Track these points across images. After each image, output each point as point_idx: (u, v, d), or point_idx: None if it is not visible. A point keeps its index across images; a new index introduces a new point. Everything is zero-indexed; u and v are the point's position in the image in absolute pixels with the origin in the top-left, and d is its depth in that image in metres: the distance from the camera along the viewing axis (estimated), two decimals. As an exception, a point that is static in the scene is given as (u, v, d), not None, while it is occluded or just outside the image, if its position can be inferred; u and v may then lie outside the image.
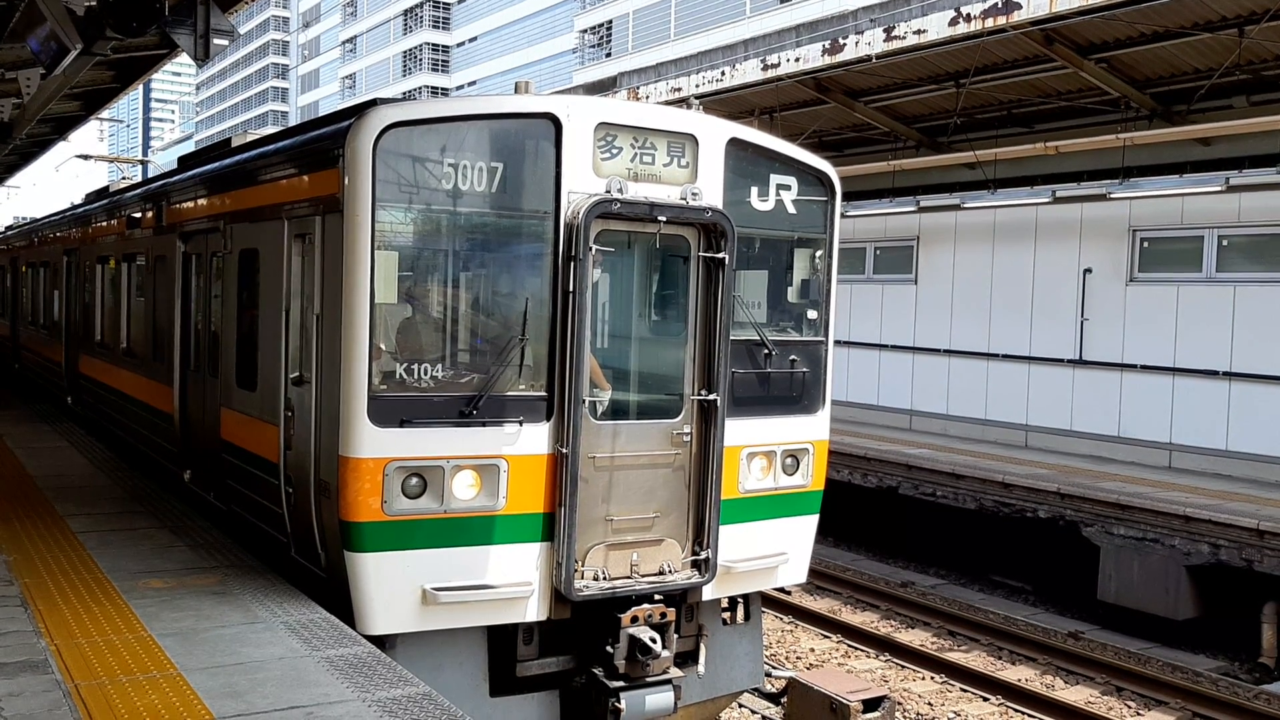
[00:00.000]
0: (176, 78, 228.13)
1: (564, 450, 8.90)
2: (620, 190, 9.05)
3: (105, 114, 29.80)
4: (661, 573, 9.46)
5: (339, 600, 8.91)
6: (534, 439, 8.95)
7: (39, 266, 24.25)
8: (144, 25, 11.25)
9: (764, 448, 10.14)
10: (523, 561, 9.00)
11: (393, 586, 8.60)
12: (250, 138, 14.18)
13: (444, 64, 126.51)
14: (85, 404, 18.97)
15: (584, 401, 8.97)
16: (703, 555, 9.55)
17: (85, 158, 34.87)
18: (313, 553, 9.27)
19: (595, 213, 8.88)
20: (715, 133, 9.67)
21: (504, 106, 8.95)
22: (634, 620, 9.25)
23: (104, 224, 17.76)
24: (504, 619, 8.98)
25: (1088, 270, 21.04)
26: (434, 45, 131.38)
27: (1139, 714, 13.35)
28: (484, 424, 8.78)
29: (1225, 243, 19.20)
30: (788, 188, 10.22)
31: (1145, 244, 20.42)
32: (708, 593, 9.85)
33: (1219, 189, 18.44)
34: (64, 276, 20.77)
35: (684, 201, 9.33)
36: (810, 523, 10.64)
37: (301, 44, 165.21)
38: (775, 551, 10.29)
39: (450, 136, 8.66)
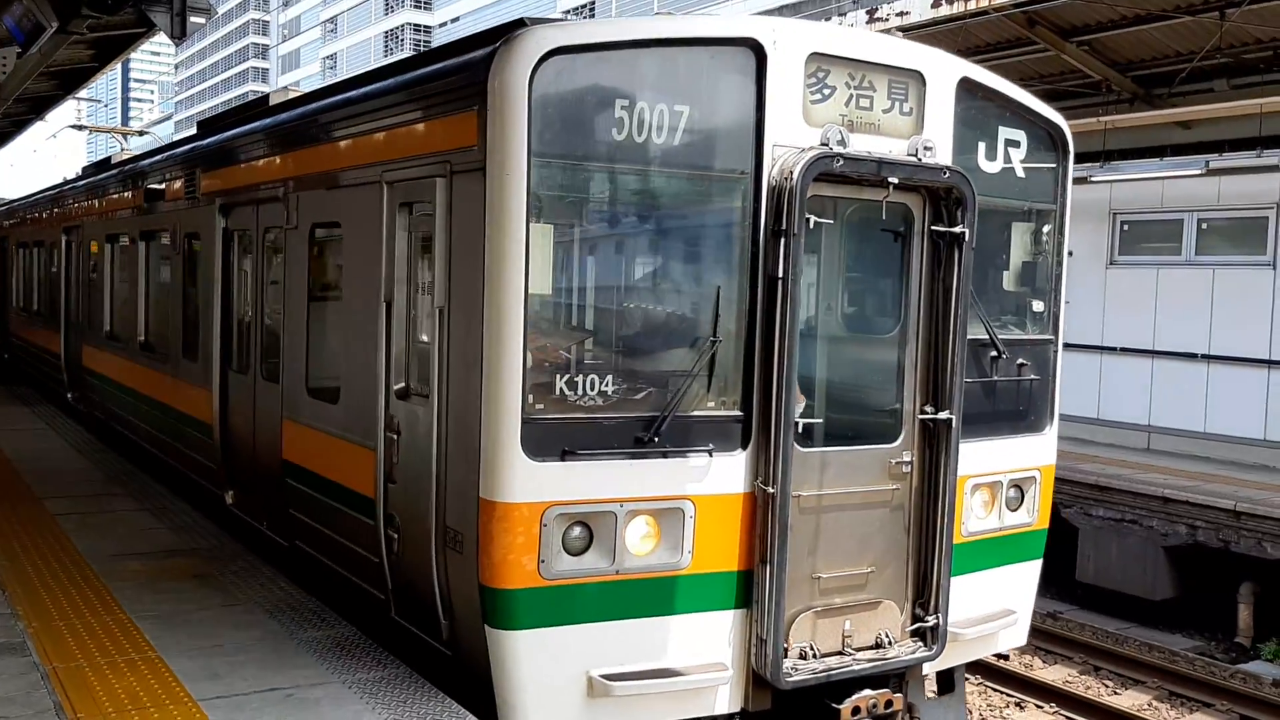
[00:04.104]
0: (156, 57, 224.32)
1: (768, 488, 6.69)
2: (841, 142, 6.83)
3: (83, 93, 29.01)
4: (879, 645, 7.28)
5: (470, 685, 6.72)
6: (727, 473, 6.76)
7: (32, 247, 21.88)
8: (120, 3, 11.03)
9: (988, 477, 7.96)
10: (713, 636, 6.82)
11: (551, 674, 6.41)
12: (294, 94, 11.93)
13: (426, 45, 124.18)
14: (90, 402, 16.66)
15: (797, 423, 6.77)
16: (930, 621, 7.36)
17: (80, 128, 32.43)
18: (428, 620, 7.06)
19: (813, 173, 6.65)
20: (944, 71, 7.46)
21: (693, 29, 6.72)
22: (855, 711, 7.06)
23: (114, 197, 15.42)
24: (689, 714, 6.78)
25: (1069, 253, 19.61)
26: (415, 25, 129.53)
27: (1116, 692, 13.24)
28: (665, 454, 6.58)
29: (1205, 226, 19.12)
30: (1016, 145, 8.01)
31: (1125, 227, 20.18)
32: (929, 666, 7.68)
33: (1199, 172, 18.20)
34: (62, 257, 18.42)
35: (915, 159, 7.11)
36: (1034, 570, 8.47)
37: (282, 24, 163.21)
38: (999, 609, 8.11)
39: (626, 69, 6.44)
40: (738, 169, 6.74)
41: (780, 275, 6.64)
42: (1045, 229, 8.40)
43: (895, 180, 6.97)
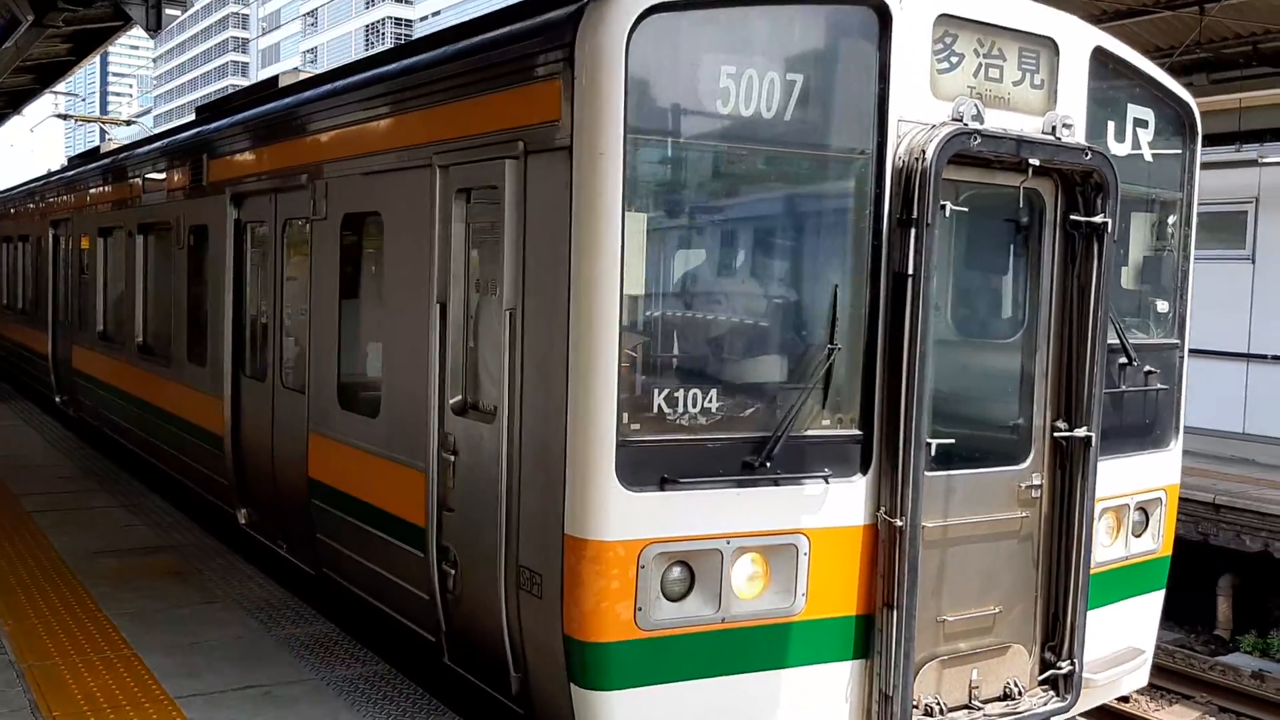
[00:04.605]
0: (134, 51, 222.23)
1: (895, 520, 5.75)
2: (977, 117, 5.90)
3: (61, 87, 28.66)
4: (1008, 696, 6.36)
5: (546, 751, 5.78)
6: (845, 503, 5.82)
7: (15, 241, 20.78)
8: (95, -5, 10.76)
9: (1114, 500, 7.03)
10: (828, 692, 5.89)
11: (650, 742, 5.47)
12: (305, 75, 10.95)
13: (407, 39, 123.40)
14: (81, 405, 15.61)
15: (928, 445, 5.83)
16: (1063, 667, 6.44)
17: (65, 117, 31.25)
18: (494, 671, 6.11)
19: (949, 153, 5.71)
20: (1078, 39, 6.53)
21: (808, -14, 5.77)
22: (989, 775, 6.14)
23: (107, 188, 14.37)
24: (804, 780, 5.84)
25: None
26: (396, 19, 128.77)
27: (1094, 684, 12.61)
28: (776, 482, 5.63)
29: None
30: (1144, 125, 7.09)
31: None
32: (1061, 718, 6.74)
33: None
34: (49, 252, 17.35)
35: (1054, 138, 6.18)
36: (1157, 602, 7.56)
37: (261, 17, 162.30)
38: (1126, 648, 7.20)
39: (734, 30, 5.50)
40: (858, 148, 5.80)
41: (909, 272, 5.69)
42: (1170, 220, 7.49)
43: (1036, 162, 6.02)
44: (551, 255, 5.53)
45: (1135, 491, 7.16)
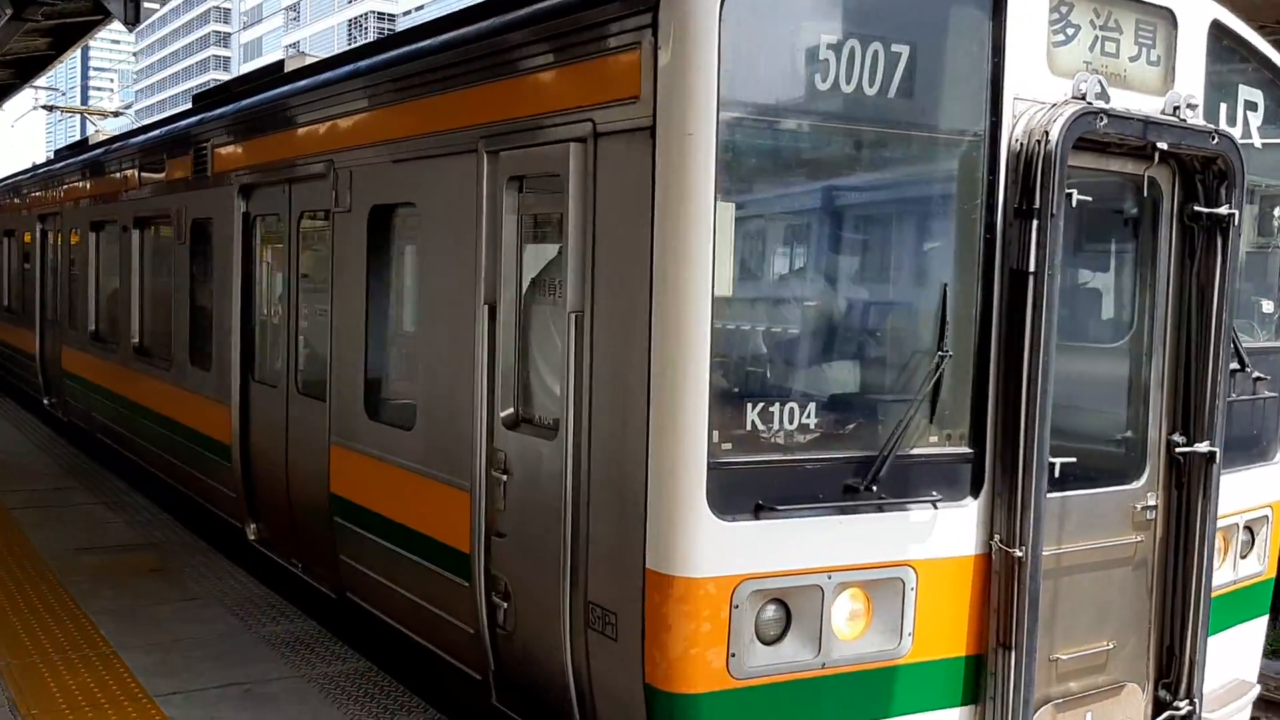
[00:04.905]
0: (115, 45, 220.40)
1: (1013, 550, 5.10)
2: (1101, 95, 5.24)
3: (41, 82, 28.20)
4: (1125, 741, 5.72)
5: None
6: (954, 530, 5.17)
7: (1, 236, 19.98)
8: (73, -12, 10.63)
9: (1223, 520, 6.38)
10: (936, 742, 5.23)
11: (743, 806, 4.80)
12: (310, 60, 10.25)
13: (391, 33, 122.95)
14: (71, 409, 14.86)
15: (1052, 464, 5.18)
16: (1183, 709, 5.80)
17: (50, 109, 30.39)
18: (554, 717, 5.43)
19: (1075, 135, 5.06)
20: (1196, 11, 5.89)
21: (916, -53, 5.11)
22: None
23: (100, 180, 13.62)
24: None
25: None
26: (379, 14, 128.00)
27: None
28: (881, 508, 4.97)
29: None
30: (1254, 108, 6.46)
31: None
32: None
33: None
34: (37, 248, 16.59)
35: (1178, 119, 5.53)
36: (1261, 628, 6.93)
37: (243, 11, 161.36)
38: (1232, 679, 6.57)
39: None
40: (969, 129, 5.15)
41: (1030, 268, 5.04)
42: (1277, 213, 6.86)
43: (1164, 146, 5.37)
44: (627, 252, 4.87)
45: (1243, 509, 6.53)
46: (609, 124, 4.97)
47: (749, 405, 4.76)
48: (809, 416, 4.87)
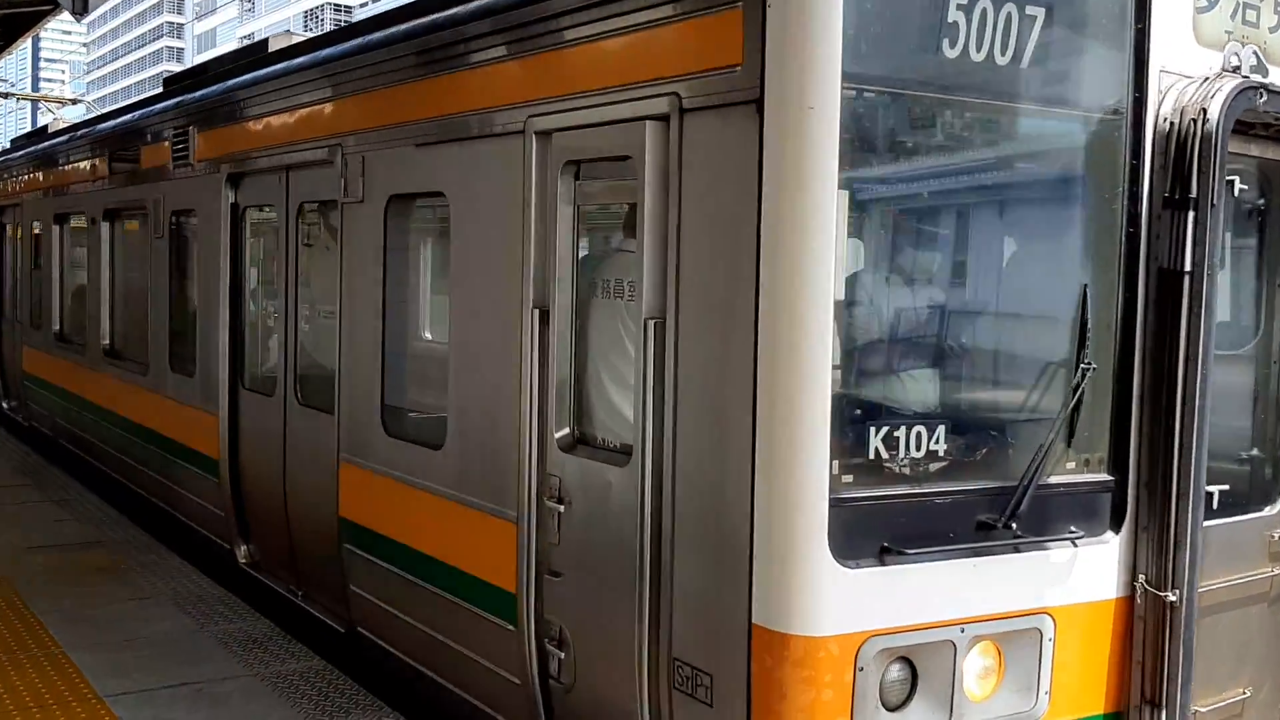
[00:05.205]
0: (67, 36, 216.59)
1: (1165, 593, 4.40)
2: (1258, 69, 4.56)
3: None
4: (1265, 803, 5.05)
5: None
6: (1094, 570, 4.47)
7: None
8: (19, -22, 10.12)
9: None
10: (1072, 816, 4.53)
11: None
12: (298, 39, 9.45)
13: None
14: (34, 414, 13.92)
15: (1210, 493, 4.49)
16: (1324, 762, 5.15)
17: (5, 96, 29.21)
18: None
19: (1236, 113, 4.36)
20: (1339, -23, 5.20)
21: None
22: None
23: (65, 169, 12.68)
24: None
25: None
26: (335, 4, 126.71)
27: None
28: (1017, 547, 4.26)
29: None
30: None
31: None
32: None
33: None
34: None
35: (1332, 99, 4.85)
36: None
37: (196, 2, 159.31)
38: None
39: None
40: (1109, 105, 4.44)
41: (1186, 268, 4.34)
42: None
43: None
44: (723, 247, 4.13)
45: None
46: (699, 97, 4.22)
47: (872, 429, 4.04)
48: (938, 441, 4.15)
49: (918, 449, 4.11)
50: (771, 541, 3.93)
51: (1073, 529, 4.40)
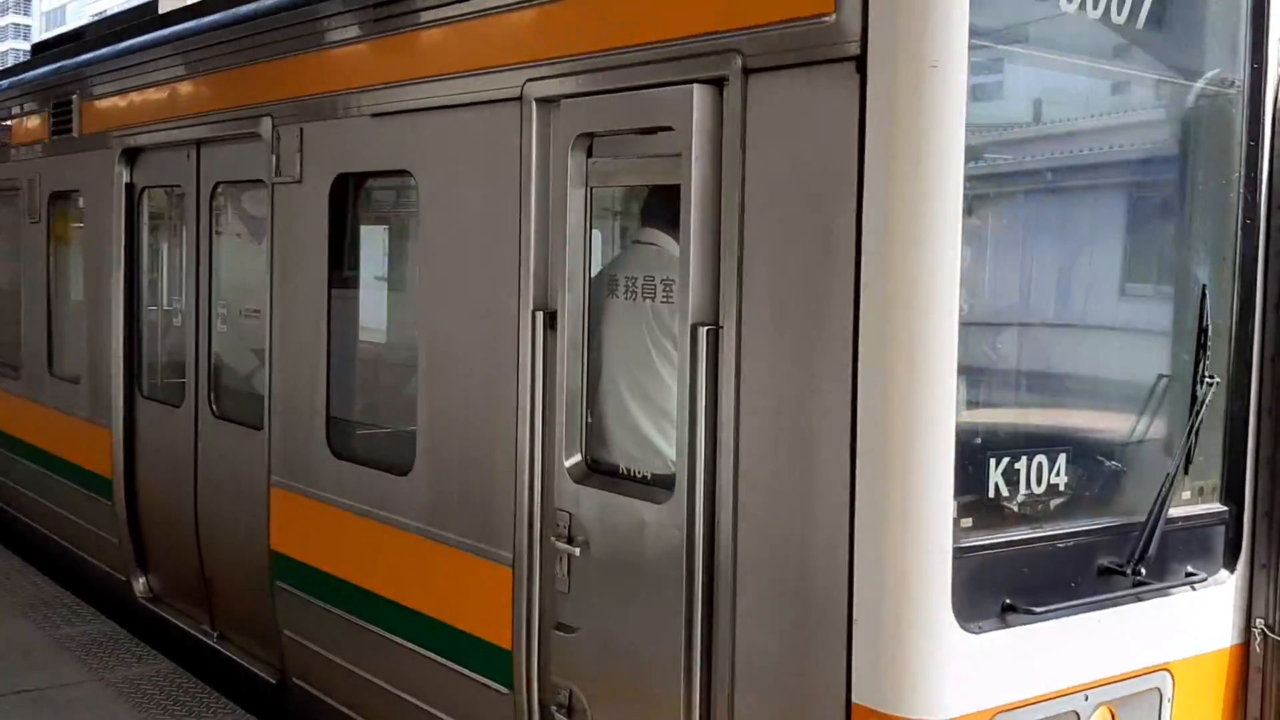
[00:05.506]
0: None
1: (1289, 640, 3.81)
2: None
3: None
4: None
5: None
6: (1211, 616, 3.85)
7: None
8: None
9: None
10: None
11: None
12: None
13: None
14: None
15: None
16: None
17: None
18: None
19: (1374, 87, 3.78)
20: None
21: None
22: None
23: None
24: None
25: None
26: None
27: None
28: (1139, 596, 3.61)
29: None
30: None
31: None
32: None
33: None
34: None
35: None
36: None
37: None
38: None
39: None
40: (1225, 77, 3.82)
41: None
42: None
43: None
44: (806, 240, 3.36)
45: None
46: (770, 54, 3.43)
47: (992, 461, 3.33)
48: (1059, 474, 3.47)
49: (1039, 483, 3.43)
50: (882, 602, 3.19)
51: (1189, 570, 3.78)
